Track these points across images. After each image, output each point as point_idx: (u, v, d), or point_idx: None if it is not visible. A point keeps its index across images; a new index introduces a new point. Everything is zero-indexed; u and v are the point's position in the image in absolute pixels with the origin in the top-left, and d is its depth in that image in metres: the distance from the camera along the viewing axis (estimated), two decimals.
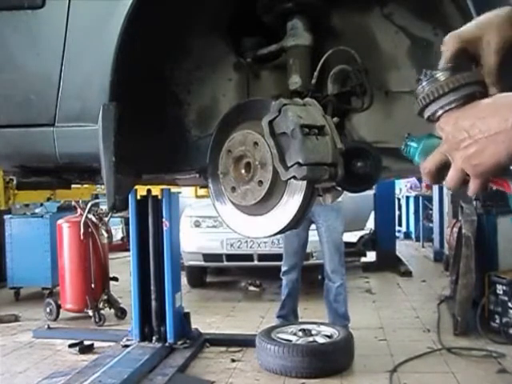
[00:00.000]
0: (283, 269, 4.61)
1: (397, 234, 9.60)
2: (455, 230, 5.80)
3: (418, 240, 10.89)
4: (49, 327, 4.95)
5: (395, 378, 3.69)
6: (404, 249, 9.80)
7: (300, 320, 4.70)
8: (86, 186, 5.93)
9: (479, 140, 0.78)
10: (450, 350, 4.20)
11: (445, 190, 8.40)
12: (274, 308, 5.56)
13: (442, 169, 0.84)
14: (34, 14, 1.42)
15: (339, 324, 4.37)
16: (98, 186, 6.06)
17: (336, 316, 4.47)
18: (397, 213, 10.52)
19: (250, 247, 6.07)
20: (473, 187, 0.81)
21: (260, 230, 1.41)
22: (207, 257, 6.26)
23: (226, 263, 6.29)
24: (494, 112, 0.78)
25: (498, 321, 4.48)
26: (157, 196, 4.18)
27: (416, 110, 0.88)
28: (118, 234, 9.38)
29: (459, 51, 0.85)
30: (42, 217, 6.34)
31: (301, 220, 1.37)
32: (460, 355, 4.10)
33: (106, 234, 5.54)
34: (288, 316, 4.59)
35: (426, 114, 0.86)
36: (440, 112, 0.84)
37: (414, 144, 0.95)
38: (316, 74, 1.46)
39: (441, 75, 0.84)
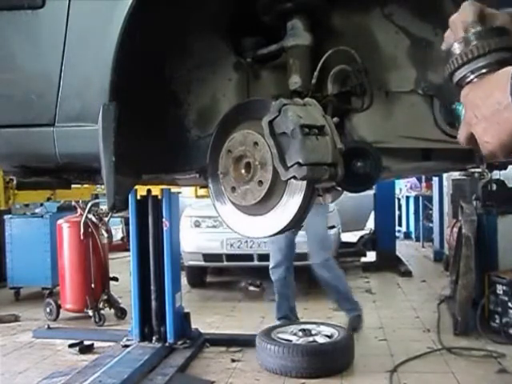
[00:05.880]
0: (270, 266, 4.66)
1: (397, 234, 9.59)
2: (455, 230, 5.80)
3: (418, 240, 10.88)
4: (49, 327, 4.94)
5: (395, 378, 3.69)
6: (404, 249, 9.79)
7: (300, 320, 4.70)
8: (86, 186, 5.94)
9: (482, 120, 0.77)
10: (450, 350, 4.20)
11: (445, 190, 8.39)
12: (274, 308, 5.56)
13: (475, 139, 0.82)
14: (34, 13, 1.41)
15: (348, 307, 4.59)
16: (98, 186, 6.07)
17: (342, 300, 4.65)
18: (397, 213, 10.51)
19: (250, 247, 6.07)
20: (501, 157, 0.80)
21: (260, 230, 1.41)
22: (207, 257, 6.26)
23: (225, 263, 6.28)
24: (491, 91, 0.77)
25: (497, 321, 4.48)
26: (157, 196, 4.18)
27: (446, 73, 0.85)
28: (118, 234, 9.37)
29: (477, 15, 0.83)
30: (42, 217, 6.34)
31: (301, 220, 1.38)
32: (460, 355, 4.10)
33: (105, 234, 5.54)
34: (287, 317, 4.60)
35: (456, 78, 0.84)
36: (471, 77, 0.81)
37: (460, 107, 0.92)
38: (316, 74, 1.46)
39: (472, 37, 0.81)
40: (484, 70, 0.80)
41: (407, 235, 11.91)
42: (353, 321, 4.59)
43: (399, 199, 12.07)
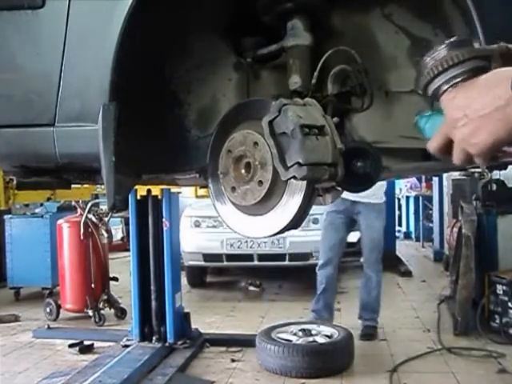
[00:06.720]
0: (319, 263, 4.73)
1: (397, 234, 9.58)
2: (455, 229, 5.80)
3: (418, 240, 10.88)
4: (49, 327, 4.94)
5: (395, 378, 3.69)
6: (404, 249, 9.79)
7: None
8: (86, 185, 5.94)
9: (475, 119, 0.78)
10: (450, 350, 4.20)
11: (445, 190, 8.39)
12: (274, 308, 5.58)
13: (448, 146, 0.83)
14: (34, 13, 1.42)
15: (366, 316, 4.62)
16: (98, 186, 6.07)
17: (364, 308, 4.69)
18: (397, 213, 10.51)
19: (250, 247, 6.07)
20: (479, 162, 0.81)
21: (260, 230, 1.41)
22: (207, 257, 6.26)
23: (226, 263, 6.28)
24: (488, 89, 0.77)
25: (497, 321, 4.48)
26: (157, 196, 4.18)
27: (420, 88, 0.87)
28: (118, 234, 9.36)
29: None
30: (42, 217, 6.34)
31: (301, 220, 1.37)
32: (460, 355, 4.10)
33: (105, 234, 5.54)
34: (321, 311, 4.62)
35: (430, 90, 0.85)
36: (445, 87, 0.83)
37: (422, 121, 0.94)
38: (316, 74, 1.46)
39: (443, 50, 0.83)
40: (458, 79, 0.82)
41: (407, 235, 11.91)
42: (367, 330, 4.58)
43: (399, 199, 12.07)
